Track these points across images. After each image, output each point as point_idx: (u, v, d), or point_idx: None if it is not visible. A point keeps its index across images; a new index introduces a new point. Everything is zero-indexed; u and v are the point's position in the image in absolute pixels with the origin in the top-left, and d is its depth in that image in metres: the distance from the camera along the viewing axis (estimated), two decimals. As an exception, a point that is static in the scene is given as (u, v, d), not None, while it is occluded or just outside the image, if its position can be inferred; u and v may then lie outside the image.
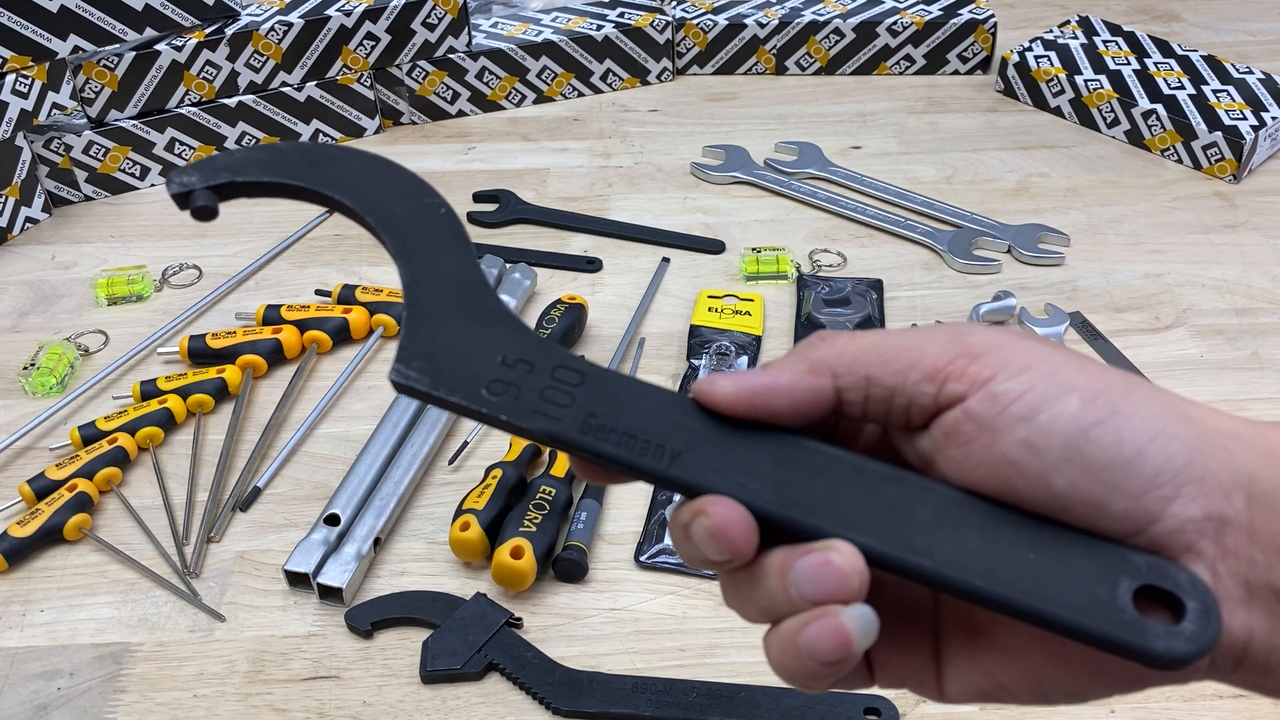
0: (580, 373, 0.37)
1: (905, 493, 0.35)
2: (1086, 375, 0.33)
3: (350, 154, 0.41)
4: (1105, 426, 0.32)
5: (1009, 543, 0.34)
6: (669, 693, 0.64)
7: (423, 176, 0.41)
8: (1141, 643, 0.32)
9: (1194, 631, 0.32)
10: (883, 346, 0.35)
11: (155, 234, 1.00)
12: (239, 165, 0.40)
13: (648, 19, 1.16)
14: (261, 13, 1.06)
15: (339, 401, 0.83)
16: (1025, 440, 0.33)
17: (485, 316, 0.38)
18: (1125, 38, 1.17)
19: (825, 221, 1.00)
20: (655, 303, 0.92)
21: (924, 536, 0.34)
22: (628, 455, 0.36)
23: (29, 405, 0.83)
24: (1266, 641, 0.33)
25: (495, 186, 1.04)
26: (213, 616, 0.69)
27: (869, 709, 0.63)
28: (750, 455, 0.35)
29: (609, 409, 0.36)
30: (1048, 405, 0.33)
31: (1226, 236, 0.97)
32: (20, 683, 0.65)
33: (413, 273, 0.39)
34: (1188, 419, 0.33)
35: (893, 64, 1.20)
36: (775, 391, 0.35)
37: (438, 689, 0.65)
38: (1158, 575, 0.33)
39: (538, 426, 0.36)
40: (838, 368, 0.35)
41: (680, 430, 0.36)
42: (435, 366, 0.37)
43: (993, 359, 0.34)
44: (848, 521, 0.34)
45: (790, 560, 0.33)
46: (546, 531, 0.70)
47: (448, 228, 0.40)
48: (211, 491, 0.76)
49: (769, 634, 0.35)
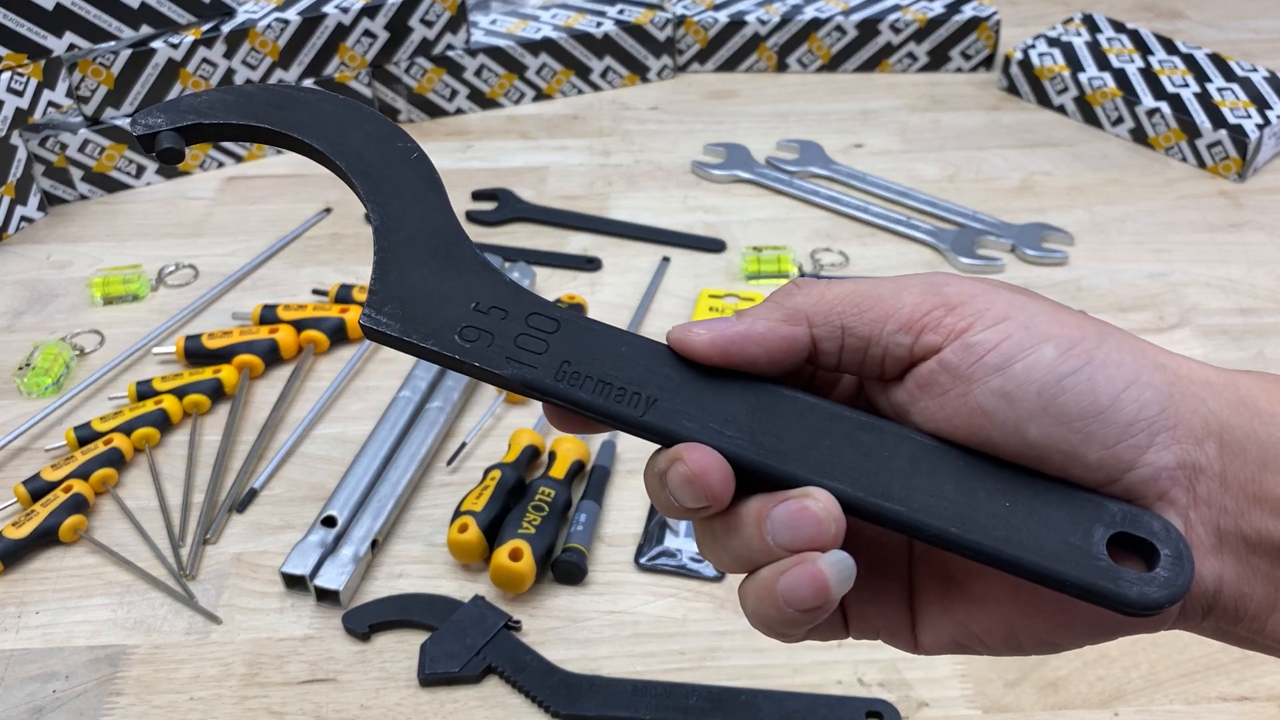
0: (555, 320, 0.37)
1: (881, 440, 0.35)
2: (1061, 324, 0.33)
3: (320, 96, 0.40)
4: (1080, 375, 0.32)
5: (984, 491, 0.34)
6: (669, 696, 0.63)
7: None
8: (1115, 589, 0.32)
9: (1167, 578, 0.32)
10: (858, 296, 0.35)
11: (151, 233, 1.00)
12: (205, 107, 0.39)
13: (648, 16, 1.16)
14: (258, 10, 1.05)
15: (336, 402, 0.83)
16: (1000, 390, 0.33)
17: (459, 262, 0.38)
18: (1129, 35, 1.16)
19: (827, 220, 1.00)
20: (655, 302, 0.91)
21: (900, 484, 0.34)
22: (602, 402, 0.35)
23: (24, 406, 0.83)
24: (1236, 589, 0.34)
25: (494, 185, 1.03)
26: (209, 619, 0.68)
27: (871, 712, 0.62)
28: (726, 403, 0.35)
29: (584, 356, 0.36)
30: (1022, 354, 0.33)
31: (1231, 235, 0.97)
32: (15, 685, 0.65)
33: (384, 217, 0.38)
34: (1160, 367, 0.33)
35: (895, 61, 1.19)
36: (750, 340, 0.35)
37: (435, 692, 0.64)
38: (1131, 523, 0.33)
39: (511, 373, 0.36)
40: (813, 316, 0.35)
41: (656, 377, 0.36)
42: (407, 312, 0.36)
43: (969, 309, 0.34)
44: (824, 469, 0.34)
45: (767, 508, 0.33)
46: (545, 533, 0.69)
47: (420, 172, 0.39)
48: (208, 493, 0.75)
49: (745, 583, 0.35)
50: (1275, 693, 0.63)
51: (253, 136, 0.40)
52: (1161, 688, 0.63)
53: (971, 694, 0.63)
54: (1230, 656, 0.65)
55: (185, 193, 1.05)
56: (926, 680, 0.64)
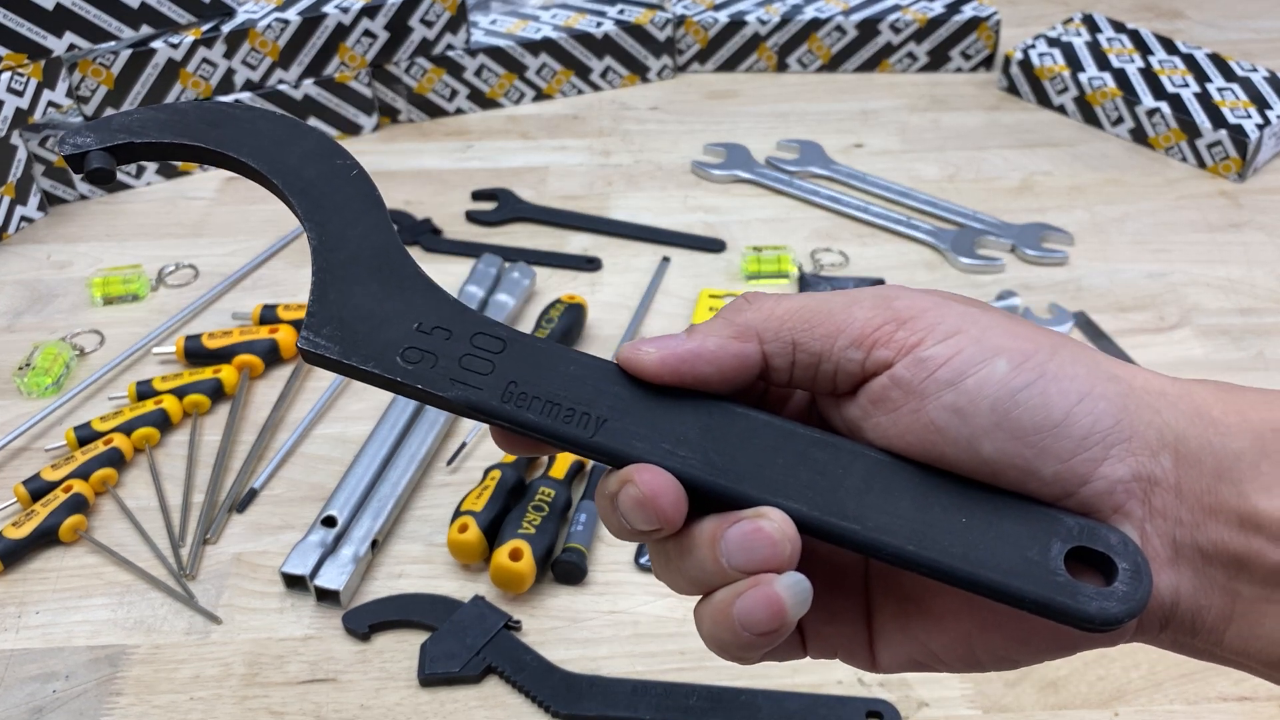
0: (501, 339, 0.36)
1: (836, 458, 0.34)
2: (1014, 337, 0.33)
3: (255, 113, 0.39)
4: (1033, 389, 0.32)
5: (940, 507, 0.33)
6: (669, 696, 0.63)
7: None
8: (1074, 605, 0.32)
9: (1125, 592, 0.32)
10: (808, 311, 0.35)
11: (151, 233, 1.00)
12: (137, 126, 0.38)
13: (648, 16, 1.16)
14: (258, 10, 1.05)
15: (336, 402, 0.83)
16: (952, 405, 0.32)
17: (401, 282, 0.37)
18: (1129, 35, 1.16)
19: (827, 220, 1.00)
20: (655, 302, 0.91)
21: (855, 502, 0.33)
22: (550, 424, 0.35)
23: (24, 406, 0.83)
24: (1193, 601, 0.33)
25: (494, 185, 1.03)
26: (209, 619, 0.68)
27: (871, 712, 0.62)
28: (677, 422, 0.35)
29: (531, 376, 0.35)
30: (974, 369, 0.32)
31: (1231, 235, 0.97)
32: (15, 685, 0.65)
33: (322, 236, 0.37)
34: (1114, 378, 0.33)
35: (895, 61, 1.19)
36: (701, 358, 0.34)
37: (436, 692, 0.64)
38: (1089, 537, 0.33)
39: (455, 396, 0.35)
40: (764, 332, 0.35)
41: (605, 397, 0.35)
42: (346, 333, 0.36)
43: (920, 323, 0.33)
44: (778, 488, 0.34)
45: (721, 529, 0.33)
46: (545, 533, 0.69)
47: (360, 190, 0.38)
48: (208, 493, 0.75)
49: (700, 605, 0.34)
50: (1275, 693, 0.63)
51: (186, 155, 0.39)
52: (1161, 688, 0.63)
53: (971, 694, 0.63)
54: (1230, 656, 0.65)
55: (185, 193, 1.05)
56: (926, 680, 0.64)
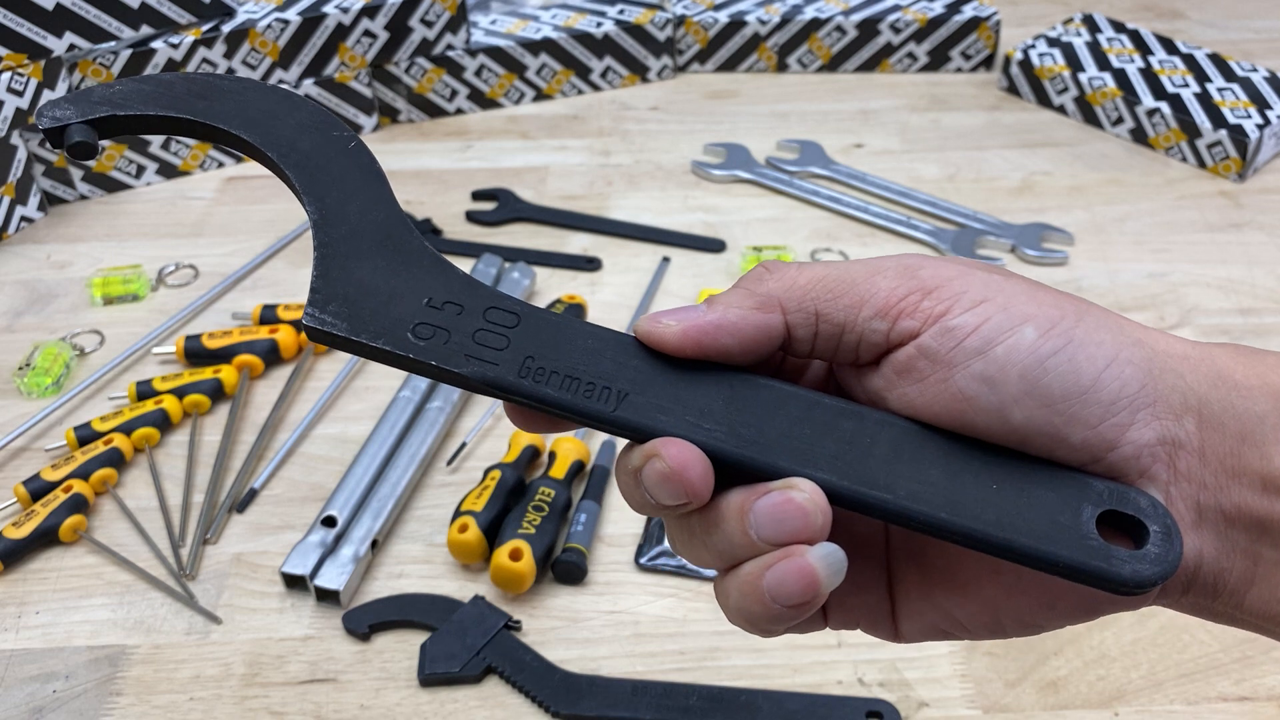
0: (515, 314, 0.35)
1: (862, 427, 0.34)
2: (1039, 304, 0.33)
3: (245, 84, 0.38)
4: (1061, 356, 0.32)
5: (970, 474, 0.33)
6: (669, 696, 0.63)
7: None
8: (1108, 569, 0.32)
9: (1158, 554, 0.32)
10: (831, 280, 0.34)
11: (151, 233, 1.00)
12: (120, 98, 0.37)
13: (648, 16, 1.16)
14: (258, 10, 1.05)
15: (336, 402, 0.83)
16: (981, 374, 0.32)
17: (407, 256, 0.35)
18: (1129, 35, 1.16)
19: (827, 220, 1.00)
20: (655, 302, 0.91)
21: (884, 471, 0.33)
22: (571, 399, 0.34)
23: (24, 406, 0.83)
24: (1215, 564, 0.33)
25: (494, 185, 1.03)
26: (209, 619, 0.68)
27: (871, 712, 0.62)
28: (701, 394, 0.34)
29: (548, 350, 0.34)
30: (1003, 336, 0.32)
31: (1231, 235, 0.97)
32: (15, 685, 0.65)
33: (323, 210, 0.36)
34: (1138, 342, 0.33)
35: (895, 61, 1.19)
36: (723, 329, 0.34)
37: (435, 692, 0.64)
38: (1119, 500, 0.32)
39: (471, 372, 0.34)
40: (786, 302, 0.34)
41: (625, 371, 0.34)
42: (354, 310, 0.34)
43: (946, 292, 0.33)
44: (806, 458, 0.33)
45: (749, 501, 0.32)
46: (545, 533, 0.69)
47: (359, 162, 0.37)
48: (208, 493, 0.75)
49: (726, 578, 0.34)
50: (1275, 693, 0.63)
51: (174, 129, 0.37)
52: (1161, 688, 0.63)
53: (971, 694, 0.63)
54: (1230, 657, 0.65)
55: (185, 193, 1.05)
56: (926, 680, 0.64)
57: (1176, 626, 0.66)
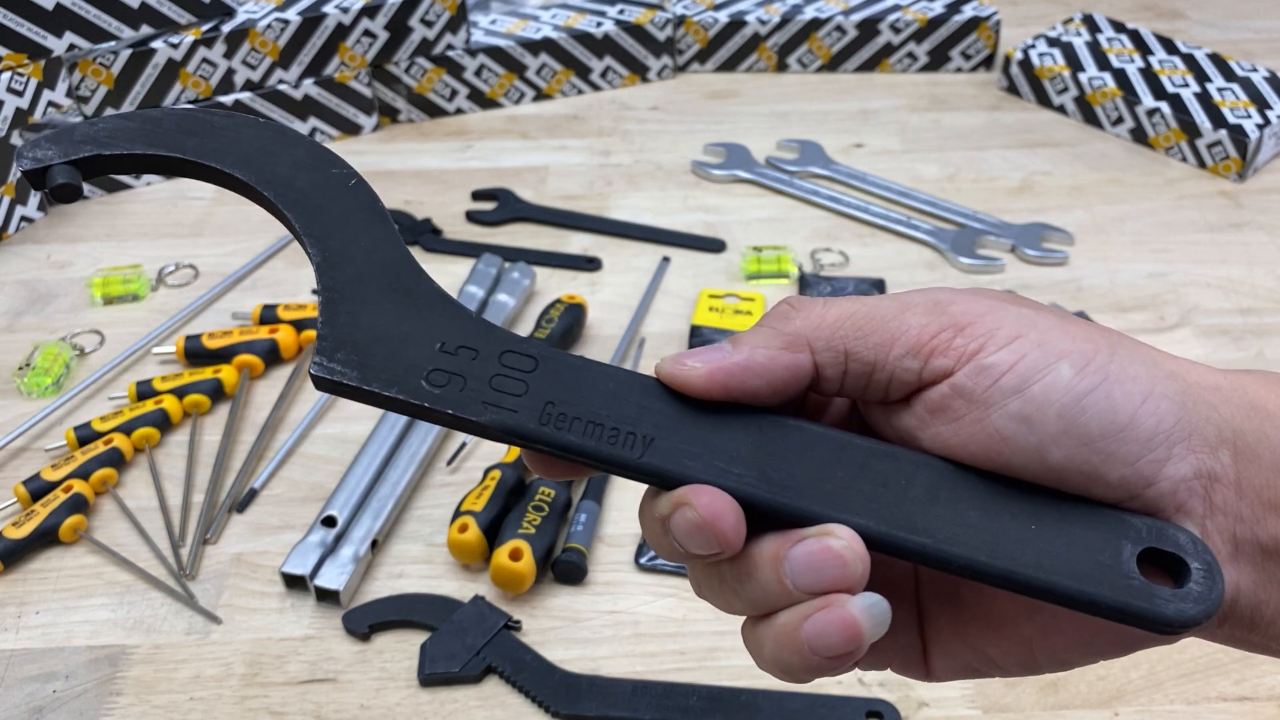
0: (532, 357, 0.33)
1: (897, 468, 0.33)
2: (1073, 339, 0.32)
3: (237, 121, 0.36)
4: (1099, 393, 0.31)
5: (1009, 515, 0.32)
6: (669, 696, 0.63)
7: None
8: (1152, 609, 0.31)
9: (1200, 593, 0.31)
10: (860, 318, 0.33)
11: (151, 233, 1.00)
12: (106, 137, 0.35)
13: (648, 15, 1.16)
14: (258, 10, 1.05)
15: (336, 402, 0.83)
16: (1019, 413, 0.31)
17: (417, 299, 0.34)
18: (1129, 35, 1.16)
19: (827, 220, 1.00)
20: (655, 302, 0.91)
21: (921, 514, 0.32)
22: (595, 446, 0.33)
23: (24, 406, 0.83)
24: (1253, 597, 0.33)
25: (494, 185, 1.03)
26: (209, 619, 0.68)
27: (871, 712, 0.62)
28: (729, 438, 0.33)
29: (569, 395, 0.33)
30: (1039, 375, 0.31)
31: (1231, 235, 0.97)
32: (15, 685, 0.65)
33: (326, 252, 0.34)
34: (1171, 375, 0.32)
35: (895, 61, 1.19)
36: (751, 371, 0.33)
37: (435, 692, 0.64)
38: (1159, 538, 0.32)
39: (490, 420, 0.32)
40: (815, 341, 0.33)
41: (649, 415, 0.33)
42: (364, 358, 0.33)
43: (979, 329, 0.32)
44: (841, 503, 0.32)
45: (784, 549, 0.31)
46: (545, 533, 0.69)
47: (361, 201, 0.35)
48: (208, 493, 0.75)
49: (758, 627, 0.33)
50: (1275, 693, 0.63)
51: (163, 168, 0.36)
52: (1161, 688, 0.63)
53: (971, 694, 0.63)
54: (1230, 657, 0.65)
55: (185, 193, 1.05)
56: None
57: (1176, 626, 0.66)
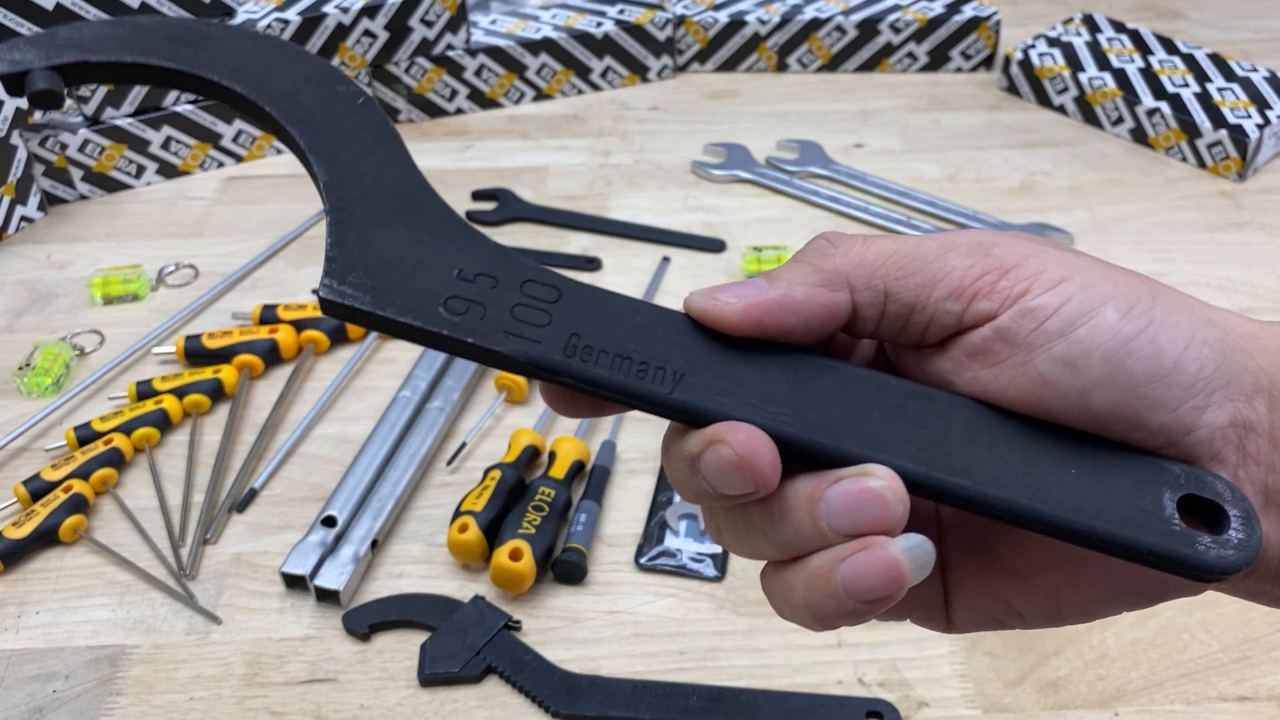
0: (555, 287, 0.32)
1: (935, 410, 0.32)
2: (1116, 284, 0.31)
3: (236, 32, 0.34)
4: (1143, 338, 0.30)
5: (1049, 459, 0.31)
6: (669, 696, 0.63)
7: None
8: (1193, 555, 0.30)
9: (1241, 540, 0.31)
10: (902, 257, 0.32)
11: (151, 233, 1.00)
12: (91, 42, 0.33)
13: (648, 16, 1.16)
14: (258, 10, 1.05)
15: (336, 402, 0.83)
16: (1064, 357, 0.31)
17: (431, 223, 0.32)
18: (1129, 35, 1.16)
19: (827, 220, 1.00)
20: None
21: (961, 456, 0.31)
22: (623, 380, 0.31)
23: (24, 406, 0.83)
24: (1279, 548, 0.32)
25: (494, 185, 1.03)
26: (209, 619, 0.68)
27: (871, 712, 0.62)
28: (762, 376, 0.31)
29: (594, 328, 0.32)
30: (1085, 318, 0.31)
31: (1231, 235, 0.97)
32: (15, 685, 0.65)
33: (333, 170, 0.32)
34: (1210, 322, 0.32)
35: (895, 61, 1.19)
36: (788, 308, 0.32)
37: (436, 692, 0.64)
38: (1197, 484, 0.31)
39: (513, 349, 0.31)
40: (854, 280, 0.32)
41: (679, 350, 0.32)
42: (376, 281, 0.31)
43: (1024, 271, 0.31)
44: (879, 443, 0.31)
45: (820, 489, 0.30)
46: (545, 533, 0.69)
47: (370, 119, 0.34)
48: (208, 493, 0.75)
49: (787, 571, 0.32)
50: (1275, 693, 0.63)
51: (153, 78, 0.33)
52: (1161, 688, 0.63)
53: (971, 694, 0.63)
54: (1230, 657, 0.65)
55: (185, 193, 1.05)
56: (926, 680, 0.64)
57: (1176, 627, 0.66)
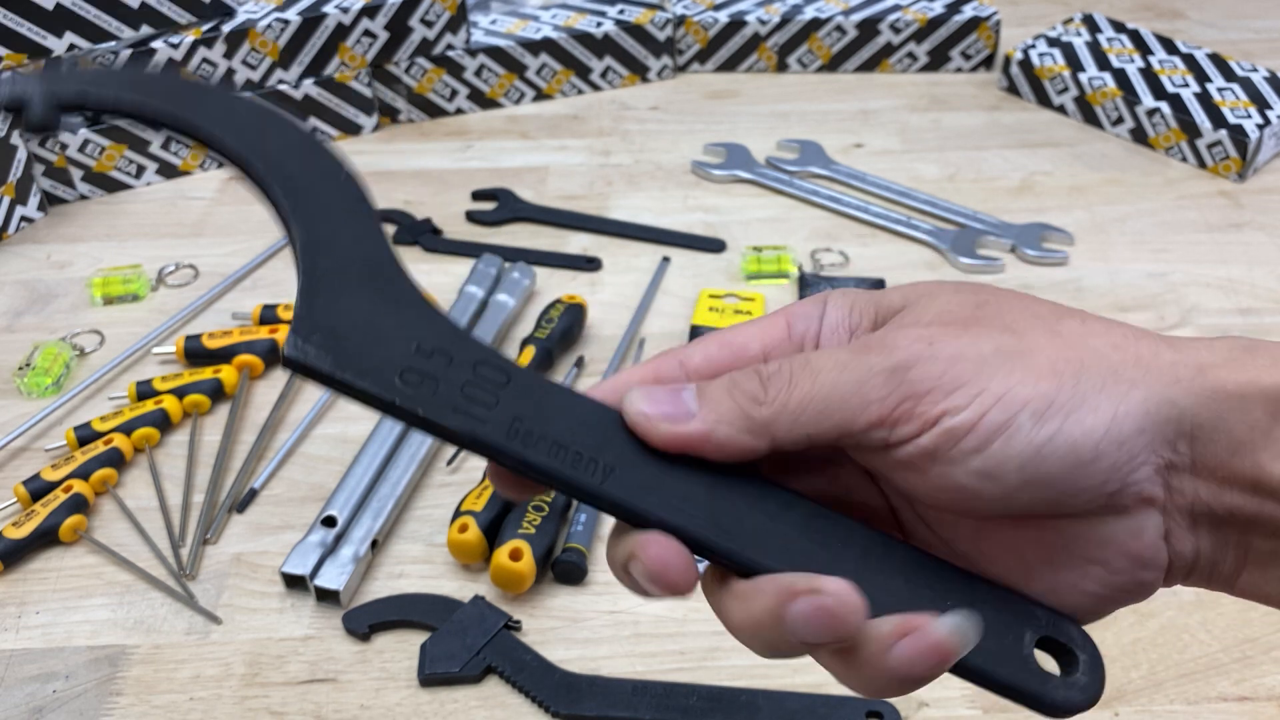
0: (505, 372, 0.34)
1: (835, 530, 0.35)
2: (1035, 376, 0.33)
3: (232, 96, 0.36)
4: (1059, 439, 0.33)
5: (929, 589, 0.35)
6: (669, 696, 0.63)
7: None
8: (1042, 691, 0.34)
9: (1086, 683, 0.34)
10: (819, 401, 0.35)
11: (151, 233, 1.00)
12: (96, 80, 0.34)
13: (648, 16, 1.16)
14: (258, 10, 1.05)
15: (336, 402, 0.83)
16: (981, 471, 0.33)
17: (397, 296, 0.34)
18: (1129, 35, 1.16)
19: (827, 220, 1.00)
20: (655, 302, 0.91)
21: (854, 575, 0.34)
22: (559, 467, 0.33)
23: (24, 406, 0.83)
24: (1211, 557, 0.36)
25: (494, 185, 1.03)
26: (209, 619, 0.68)
27: (871, 712, 0.62)
28: (684, 480, 0.34)
29: (537, 415, 0.34)
30: (999, 432, 0.33)
31: (1231, 235, 0.97)
32: (15, 685, 0.65)
33: (310, 235, 0.34)
34: (1133, 383, 0.33)
35: (895, 61, 1.19)
36: (709, 444, 0.35)
37: (435, 692, 0.64)
38: (1055, 629, 0.35)
39: (459, 426, 0.33)
40: (778, 431, 0.35)
41: (613, 446, 0.34)
42: (339, 345, 0.32)
43: (940, 392, 0.33)
44: (782, 556, 0.34)
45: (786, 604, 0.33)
46: (545, 533, 0.69)
47: (350, 193, 0.35)
48: (208, 493, 0.75)
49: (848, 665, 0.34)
50: (1275, 693, 0.63)
51: (150, 121, 0.35)
52: (1161, 688, 0.63)
53: (971, 694, 0.63)
54: (1230, 657, 0.65)
55: (185, 193, 1.05)
56: (926, 680, 0.64)
57: (1176, 627, 0.66)
